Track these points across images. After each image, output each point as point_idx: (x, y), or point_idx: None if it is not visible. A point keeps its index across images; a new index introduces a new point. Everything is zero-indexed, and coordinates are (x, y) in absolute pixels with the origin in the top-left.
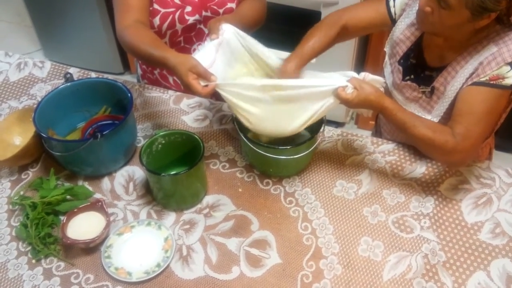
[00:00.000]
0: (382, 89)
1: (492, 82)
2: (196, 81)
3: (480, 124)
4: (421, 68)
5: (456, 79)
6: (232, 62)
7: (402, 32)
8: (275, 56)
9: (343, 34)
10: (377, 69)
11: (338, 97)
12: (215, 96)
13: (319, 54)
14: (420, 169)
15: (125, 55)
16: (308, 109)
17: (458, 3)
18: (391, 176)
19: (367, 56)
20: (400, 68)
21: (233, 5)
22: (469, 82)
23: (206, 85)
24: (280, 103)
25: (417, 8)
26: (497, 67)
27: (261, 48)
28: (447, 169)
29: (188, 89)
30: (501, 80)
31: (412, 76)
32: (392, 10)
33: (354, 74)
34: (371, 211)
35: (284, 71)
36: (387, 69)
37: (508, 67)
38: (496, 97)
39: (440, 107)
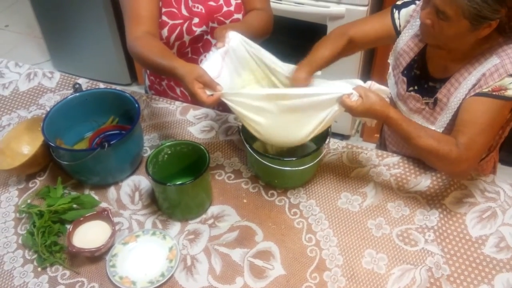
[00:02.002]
0: (387, 99)
1: (494, 93)
2: (202, 90)
3: (483, 135)
4: (424, 79)
5: (459, 91)
6: (239, 70)
7: (406, 43)
8: (282, 64)
9: (349, 47)
10: (383, 81)
11: (343, 104)
12: (222, 106)
13: (327, 64)
14: (425, 182)
15: (133, 66)
16: (314, 118)
17: (456, 14)
18: (396, 189)
19: (372, 68)
20: (405, 78)
21: (239, 16)
22: (472, 93)
23: (212, 95)
24: (286, 112)
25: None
26: (499, 79)
27: (268, 56)
28: (451, 183)
29: (193, 98)
30: (503, 91)
31: (415, 87)
32: (397, 22)
33: (360, 82)
34: (376, 223)
35: (296, 79)
36: (391, 80)
37: (511, 79)
38: (499, 108)
39: (443, 118)
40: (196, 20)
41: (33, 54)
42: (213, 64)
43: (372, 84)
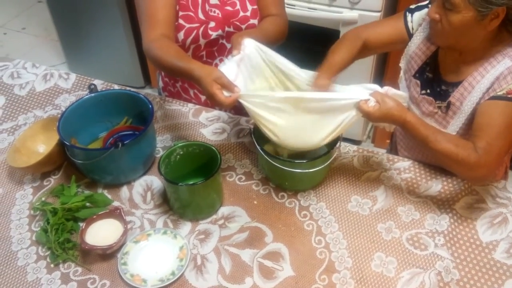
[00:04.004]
0: (405, 104)
1: (509, 95)
2: (220, 91)
3: (500, 138)
4: (437, 82)
5: (473, 94)
6: (253, 76)
7: (418, 46)
8: (299, 70)
9: (363, 50)
10: (396, 85)
11: (360, 110)
12: (234, 109)
13: (345, 67)
14: (435, 187)
15: (147, 69)
16: (331, 122)
17: (462, 0)
18: (407, 193)
19: (385, 72)
20: (418, 81)
21: (255, 21)
22: (486, 97)
23: (230, 96)
24: (304, 113)
25: None
26: None
27: (285, 62)
28: (462, 188)
29: (211, 99)
30: None
31: (428, 91)
32: (410, 25)
33: (377, 88)
34: (386, 227)
35: (317, 84)
36: (402, 84)
37: None
38: None
39: (456, 122)
40: (212, 24)
41: (49, 57)
42: (228, 71)
43: (388, 90)
